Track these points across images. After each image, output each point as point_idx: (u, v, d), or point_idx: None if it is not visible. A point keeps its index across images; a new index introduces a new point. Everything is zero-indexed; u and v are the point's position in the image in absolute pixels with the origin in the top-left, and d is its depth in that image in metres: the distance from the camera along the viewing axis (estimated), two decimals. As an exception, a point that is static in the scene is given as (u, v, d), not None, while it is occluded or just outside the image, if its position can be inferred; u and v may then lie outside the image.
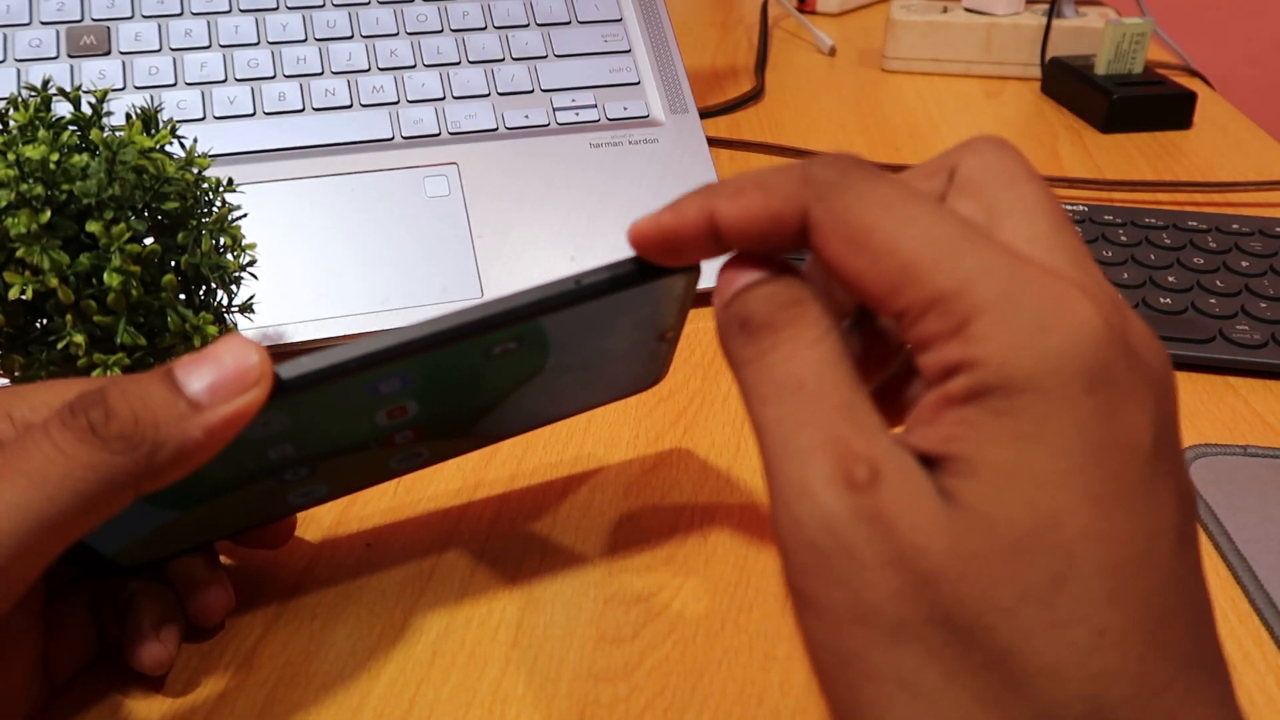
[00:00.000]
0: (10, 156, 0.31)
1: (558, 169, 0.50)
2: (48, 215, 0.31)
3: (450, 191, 0.49)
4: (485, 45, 0.54)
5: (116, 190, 0.32)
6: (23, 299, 0.32)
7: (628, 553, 0.34)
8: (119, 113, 0.46)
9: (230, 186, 0.37)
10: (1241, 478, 0.37)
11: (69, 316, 0.33)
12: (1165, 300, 0.47)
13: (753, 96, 0.76)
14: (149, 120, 0.36)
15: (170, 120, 0.36)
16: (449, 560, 0.34)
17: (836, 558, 0.18)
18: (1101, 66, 0.71)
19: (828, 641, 0.19)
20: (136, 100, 0.48)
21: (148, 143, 0.34)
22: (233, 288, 0.37)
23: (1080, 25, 0.76)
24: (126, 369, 0.34)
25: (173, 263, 0.35)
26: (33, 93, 0.34)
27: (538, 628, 0.31)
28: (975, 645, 0.17)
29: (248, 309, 0.38)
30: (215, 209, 0.36)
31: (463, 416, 0.30)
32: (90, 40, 0.49)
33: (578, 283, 0.25)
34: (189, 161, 0.35)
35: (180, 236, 0.34)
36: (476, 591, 0.33)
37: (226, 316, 0.38)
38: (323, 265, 0.45)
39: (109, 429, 0.23)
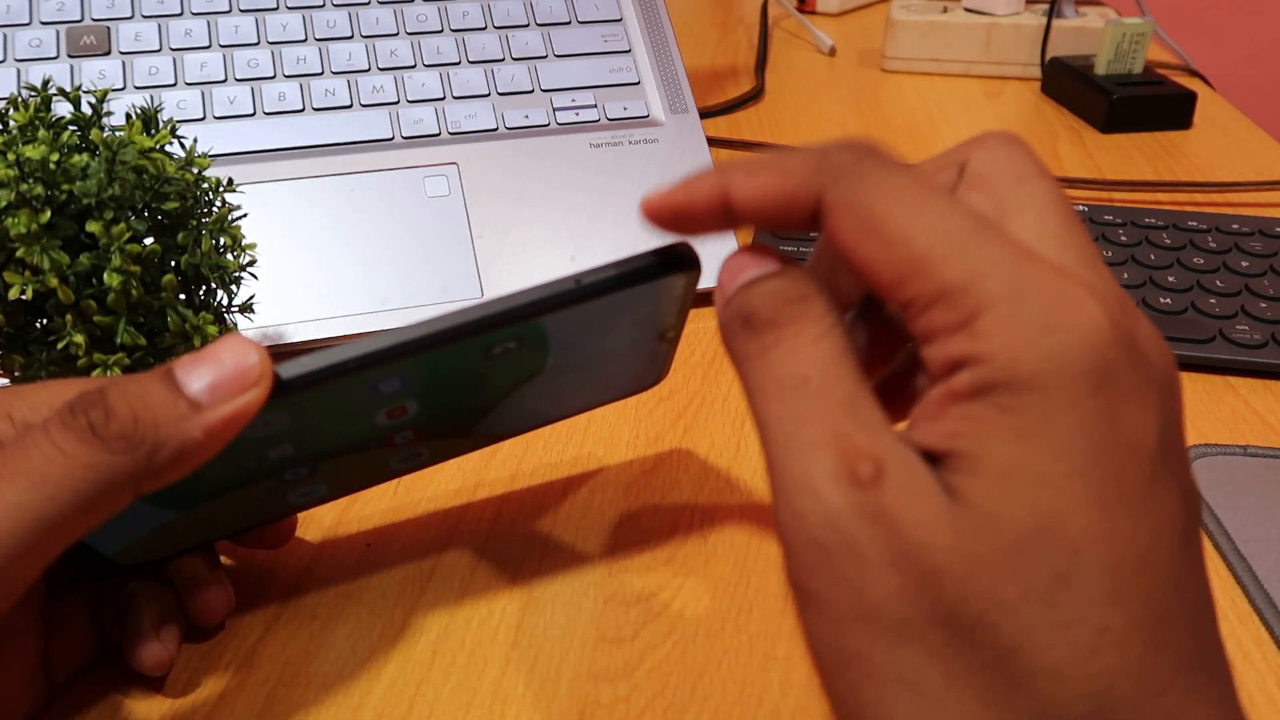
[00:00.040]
0: (10, 156, 0.31)
1: (558, 169, 0.50)
2: (48, 215, 0.31)
3: (450, 191, 0.49)
4: (485, 45, 0.54)
5: (116, 190, 0.32)
6: (23, 299, 0.32)
7: (628, 553, 0.34)
8: (119, 113, 0.46)
9: (230, 186, 0.37)
10: (1241, 478, 0.37)
11: (69, 316, 0.33)
12: (1165, 300, 0.47)
13: (753, 96, 0.76)
14: (149, 120, 0.36)
15: (170, 120, 0.36)
16: (449, 560, 0.34)
17: (839, 555, 0.18)
18: (1101, 66, 0.71)
19: (829, 639, 0.19)
20: (136, 100, 0.48)
21: (148, 143, 0.34)
22: (233, 288, 0.37)
23: (1080, 25, 0.76)
24: (126, 369, 0.34)
25: (173, 263, 0.35)
26: (33, 93, 0.34)
27: (538, 628, 0.31)
28: (977, 644, 0.17)
29: (248, 309, 0.38)
30: (215, 209, 0.36)
31: (463, 416, 0.30)
32: (90, 40, 0.49)
33: (578, 282, 0.25)
34: (189, 161, 0.35)
35: (180, 236, 0.34)
36: (476, 591, 0.33)
37: (226, 316, 0.38)
38: (323, 265, 0.45)
39: (109, 429, 0.23)
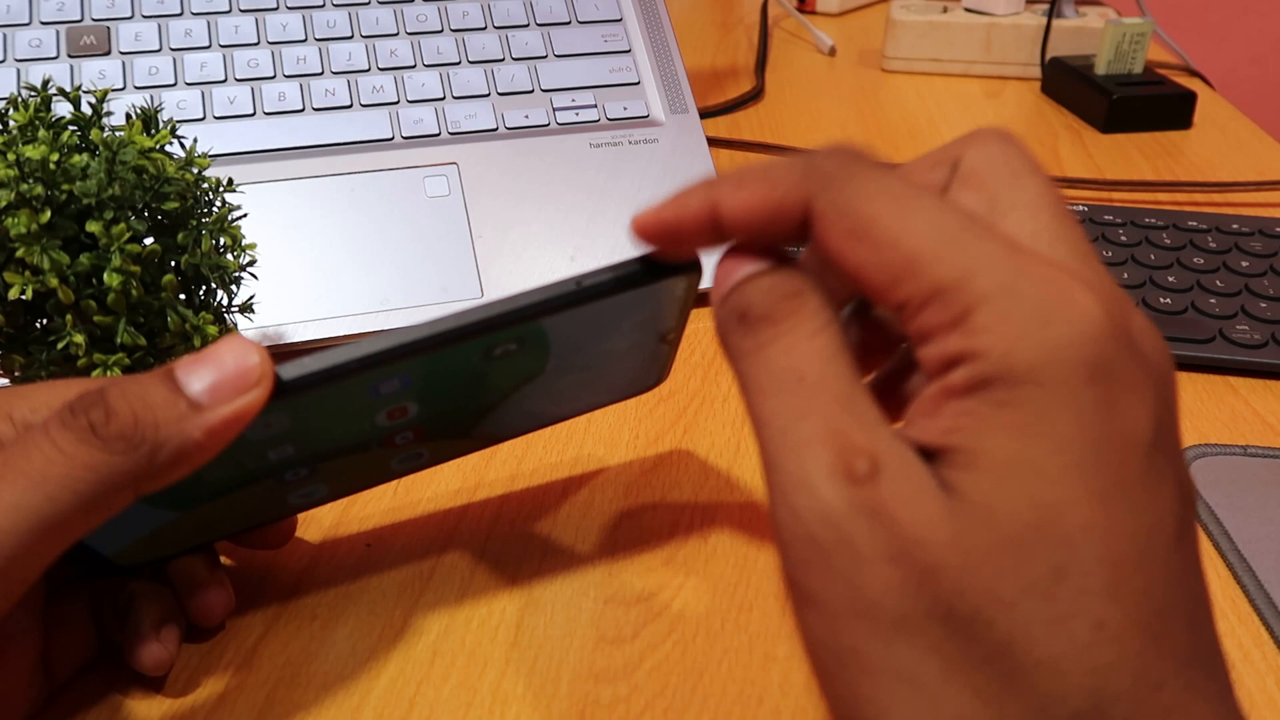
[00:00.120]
0: (10, 156, 0.31)
1: (558, 169, 0.50)
2: (48, 215, 0.31)
3: (450, 191, 0.49)
4: (485, 45, 0.54)
5: (116, 190, 0.32)
6: (23, 299, 0.32)
7: (628, 553, 0.34)
8: (119, 113, 0.46)
9: (230, 186, 0.37)
10: (1241, 478, 0.37)
11: (69, 316, 0.33)
12: (1165, 300, 0.47)
13: (753, 96, 0.76)
14: (149, 120, 0.36)
15: (170, 120, 0.36)
16: (449, 560, 0.34)
17: (836, 552, 0.18)
18: (1101, 66, 0.71)
19: (826, 637, 0.19)
20: (136, 100, 0.48)
21: (148, 143, 0.34)
22: (233, 288, 0.37)
23: (1080, 25, 0.76)
24: (126, 369, 0.34)
25: (173, 263, 0.35)
26: (33, 93, 0.34)
27: (538, 628, 0.31)
28: (975, 639, 0.17)
29: (248, 309, 0.38)
30: (215, 209, 0.36)
31: (463, 417, 0.30)
32: (90, 40, 0.49)
33: (579, 284, 0.25)
34: (189, 161, 0.35)
35: (180, 236, 0.34)
36: (476, 591, 0.33)
37: (226, 316, 0.38)
38: (323, 265, 0.45)
39: (109, 429, 0.23)
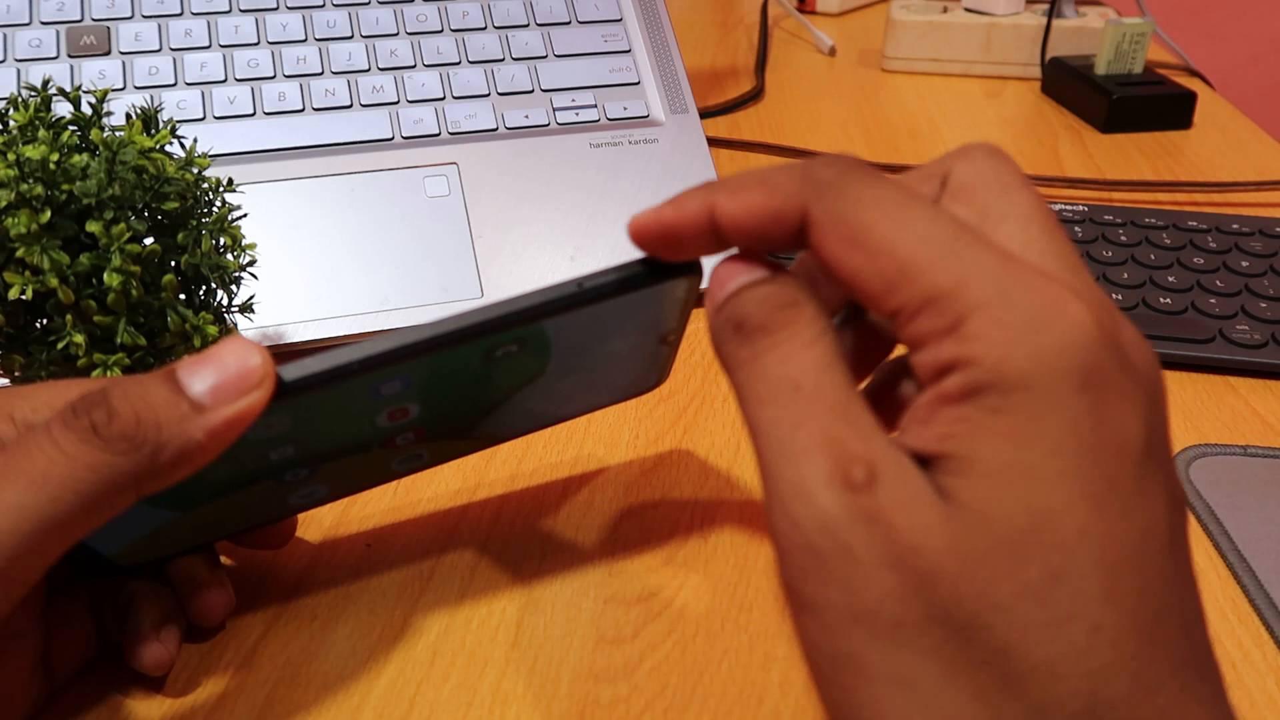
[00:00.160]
0: (10, 156, 0.31)
1: (558, 169, 0.50)
2: (48, 215, 0.31)
3: (450, 191, 0.49)
4: (485, 45, 0.54)
5: (116, 190, 0.32)
6: (23, 299, 0.32)
7: (628, 553, 0.34)
8: (119, 113, 0.46)
9: (230, 186, 0.37)
10: (1241, 478, 0.37)
11: (69, 316, 0.33)
12: (1165, 300, 0.47)
13: (753, 96, 0.76)
14: (149, 120, 0.36)
15: (170, 120, 0.36)
16: (449, 560, 0.34)
17: (834, 558, 0.18)
18: (1101, 66, 0.71)
19: (825, 642, 0.19)
20: (136, 100, 0.48)
21: (148, 143, 0.34)
22: (233, 288, 0.37)
23: (1080, 25, 0.76)
24: (126, 369, 0.34)
25: (173, 263, 0.35)
26: (33, 93, 0.34)
27: (538, 628, 0.31)
28: (973, 643, 0.18)
29: (248, 309, 0.38)
30: (215, 209, 0.36)
31: (464, 418, 0.30)
32: (90, 40, 0.49)
33: (580, 286, 0.25)
34: (189, 161, 0.35)
35: (180, 236, 0.34)
36: (476, 591, 0.33)
37: (226, 316, 0.38)
38: (323, 265, 0.45)
39: (111, 430, 0.23)
